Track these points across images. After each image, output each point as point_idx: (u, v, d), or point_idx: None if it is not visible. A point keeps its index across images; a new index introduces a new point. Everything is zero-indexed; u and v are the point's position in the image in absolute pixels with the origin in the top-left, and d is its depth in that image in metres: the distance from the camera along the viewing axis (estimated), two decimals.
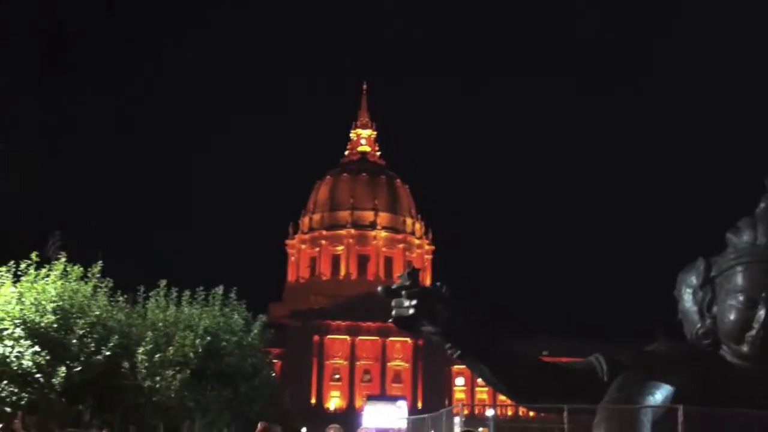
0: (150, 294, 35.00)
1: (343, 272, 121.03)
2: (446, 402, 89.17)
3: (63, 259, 29.41)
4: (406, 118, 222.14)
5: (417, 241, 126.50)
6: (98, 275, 31.14)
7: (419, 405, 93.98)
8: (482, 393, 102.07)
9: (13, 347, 25.64)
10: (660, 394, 13.26)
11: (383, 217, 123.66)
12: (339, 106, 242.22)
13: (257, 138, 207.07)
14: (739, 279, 13.34)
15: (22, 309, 26.39)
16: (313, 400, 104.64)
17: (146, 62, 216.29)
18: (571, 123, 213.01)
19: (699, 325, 14.09)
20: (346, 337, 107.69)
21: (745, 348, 13.32)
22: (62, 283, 28.30)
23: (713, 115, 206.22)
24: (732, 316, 13.24)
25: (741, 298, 13.17)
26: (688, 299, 14.46)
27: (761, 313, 12.80)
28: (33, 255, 28.24)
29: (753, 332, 13.05)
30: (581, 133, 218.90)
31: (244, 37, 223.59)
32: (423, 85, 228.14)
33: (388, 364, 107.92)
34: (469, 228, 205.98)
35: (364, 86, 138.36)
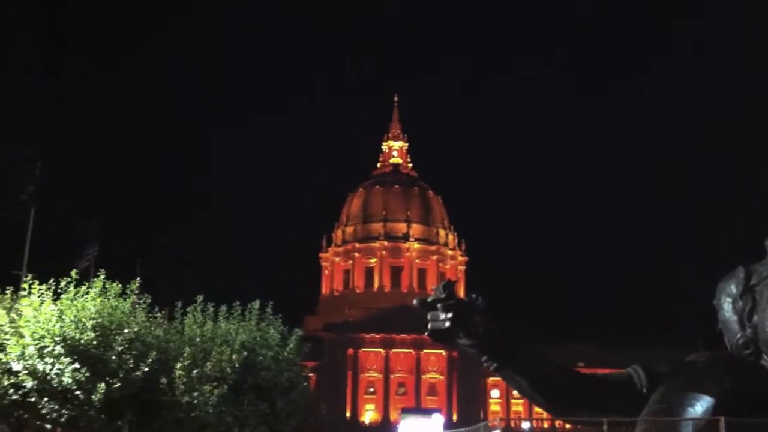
0: (187, 309, 35.35)
1: (376, 284, 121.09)
2: (481, 415, 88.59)
3: (102, 276, 29.81)
4: (437, 129, 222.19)
5: (450, 252, 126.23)
6: (137, 291, 31.56)
7: (454, 418, 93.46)
8: (518, 405, 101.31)
9: (53, 364, 26.00)
10: (701, 405, 13.13)
11: (416, 229, 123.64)
12: (371, 118, 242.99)
13: (291, 151, 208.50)
14: None
15: (62, 326, 26.77)
16: (348, 414, 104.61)
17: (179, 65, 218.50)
18: (594, 128, 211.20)
19: (739, 335, 13.94)
20: (381, 349, 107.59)
21: None
22: (101, 300, 28.69)
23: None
24: None
25: None
26: (728, 308, 14.32)
27: None
28: (73, 273, 28.68)
29: None
30: (609, 136, 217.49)
31: (275, 45, 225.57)
32: (451, 95, 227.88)
33: (423, 376, 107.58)
34: (502, 238, 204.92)
35: (396, 98, 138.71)
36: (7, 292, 29.56)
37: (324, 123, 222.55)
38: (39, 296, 27.25)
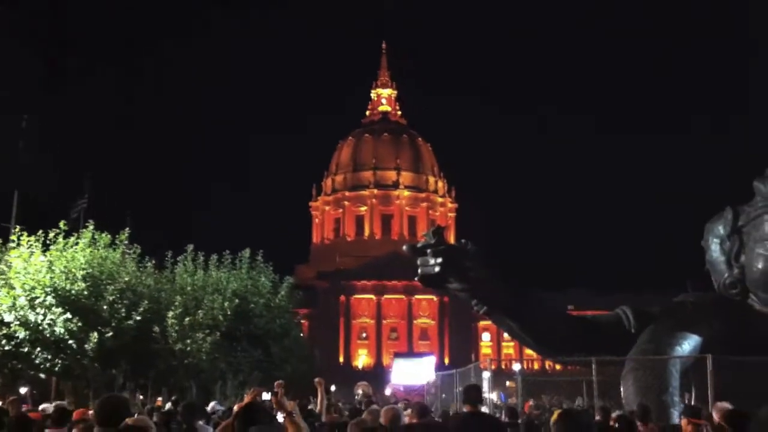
0: (178, 259, 35.38)
1: (367, 232, 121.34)
2: (473, 358, 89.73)
3: (91, 227, 29.70)
4: (426, 76, 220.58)
5: (440, 200, 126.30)
6: (126, 242, 31.51)
7: (446, 361, 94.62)
8: (509, 348, 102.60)
9: (45, 315, 26.04)
10: (688, 344, 13.30)
11: (406, 177, 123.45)
12: (360, 67, 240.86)
13: (279, 101, 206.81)
14: None
15: (52, 277, 26.74)
16: (342, 359, 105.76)
17: None
18: (590, 73, 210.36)
19: (726, 275, 14.08)
20: (372, 296, 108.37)
21: None
22: (91, 251, 28.63)
23: None
24: (760, 265, 13.19)
25: None
26: (715, 249, 14.43)
27: None
28: (61, 224, 28.55)
29: None
30: (603, 83, 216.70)
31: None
32: (440, 44, 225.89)
33: (415, 321, 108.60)
34: (492, 184, 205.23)
35: (384, 46, 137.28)
36: None
37: (313, 73, 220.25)
38: (28, 248, 27.15)
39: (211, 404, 17.43)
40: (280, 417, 7.80)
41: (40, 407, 13.79)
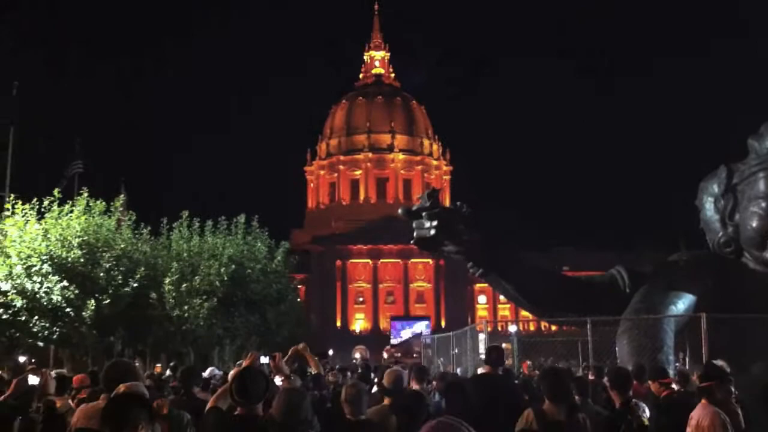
0: (173, 225, 35.36)
1: (362, 196, 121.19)
2: (469, 320, 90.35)
3: (85, 194, 29.61)
4: (419, 38, 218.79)
5: (435, 162, 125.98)
6: (121, 209, 31.44)
7: (443, 324, 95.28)
8: (504, 310, 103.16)
9: (41, 283, 26.06)
10: (682, 303, 13.36)
11: (400, 140, 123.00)
12: (353, 29, 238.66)
13: (272, 64, 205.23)
14: (762, 185, 13.24)
15: (48, 245, 26.71)
16: (339, 323, 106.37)
17: None
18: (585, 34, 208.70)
19: (721, 234, 14.10)
20: (368, 260, 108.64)
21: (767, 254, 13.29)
22: (86, 218, 28.57)
23: None
24: (754, 223, 13.21)
25: (764, 204, 13.09)
26: (709, 208, 14.43)
27: None
28: (55, 192, 28.47)
29: None
30: (597, 48, 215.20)
31: None
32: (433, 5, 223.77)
33: (411, 285, 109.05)
34: (487, 146, 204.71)
35: (376, 7, 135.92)
36: None
37: (305, 36, 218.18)
38: (23, 216, 27.07)
39: (209, 370, 17.53)
40: (278, 380, 7.84)
41: None
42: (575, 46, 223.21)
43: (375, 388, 10.59)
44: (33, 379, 8.74)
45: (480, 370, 10.23)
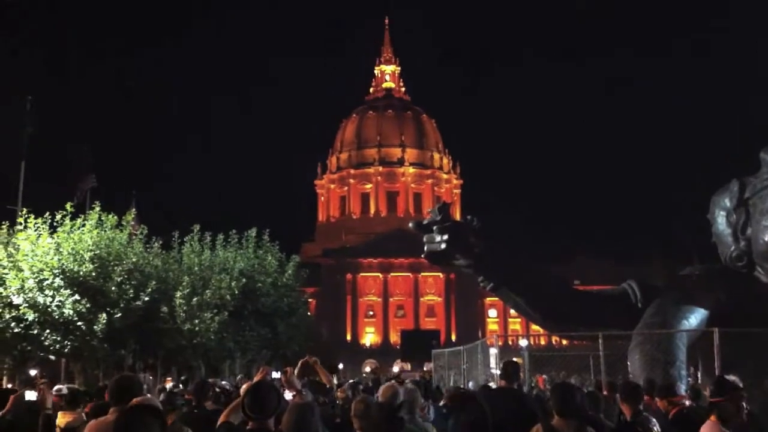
0: (185, 239, 35.49)
1: (372, 210, 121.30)
2: (479, 334, 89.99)
3: (97, 209, 29.77)
4: (430, 53, 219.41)
5: (445, 176, 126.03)
6: (132, 222, 31.59)
7: (453, 338, 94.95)
8: (515, 324, 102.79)
9: (53, 296, 26.16)
10: (695, 317, 13.29)
11: (411, 153, 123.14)
12: (364, 44, 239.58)
13: (285, 79, 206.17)
14: None
15: (60, 259, 26.85)
16: (349, 337, 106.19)
17: None
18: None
19: (733, 248, 14.03)
20: (379, 274, 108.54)
21: None
22: (98, 232, 28.73)
23: None
24: (767, 237, 13.13)
25: None
26: (721, 222, 14.37)
27: None
28: (68, 206, 28.61)
29: None
30: (607, 58, 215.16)
31: None
32: (444, 18, 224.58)
33: (421, 299, 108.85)
34: (498, 159, 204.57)
35: (386, 21, 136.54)
36: (3, 226, 29.53)
37: (319, 51, 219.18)
38: (35, 230, 27.22)
39: (221, 383, 17.51)
40: (288, 395, 7.84)
41: (54, 389, 13.90)
42: (587, 50, 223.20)
43: None
44: (30, 395, 8.70)
45: (492, 385, 10.21)
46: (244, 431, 5.67)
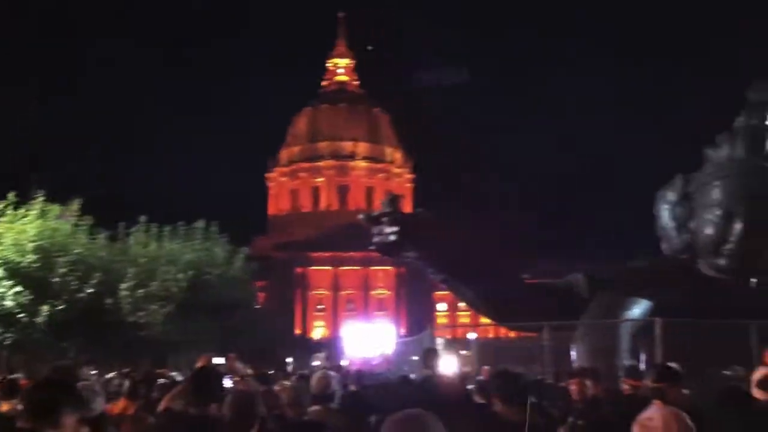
0: (130, 230, 34.93)
1: (323, 204, 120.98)
2: (429, 328, 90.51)
3: (41, 199, 29.13)
4: (384, 45, 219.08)
5: (397, 170, 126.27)
6: (77, 213, 30.98)
7: (403, 332, 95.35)
8: (465, 317, 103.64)
9: None
10: (639, 308, 13.54)
11: (363, 147, 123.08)
12: (318, 37, 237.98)
13: (234, 71, 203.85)
14: (716, 193, 13.50)
15: (2, 250, 26.26)
16: (298, 331, 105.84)
17: None
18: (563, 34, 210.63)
19: (677, 241, 14.34)
20: (329, 267, 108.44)
21: (721, 261, 13.56)
22: (41, 223, 28.11)
23: None
24: (709, 230, 13.46)
25: (718, 212, 13.35)
26: (665, 215, 14.68)
27: (738, 226, 12.98)
28: (10, 195, 27.96)
29: (730, 245, 13.26)
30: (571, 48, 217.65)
31: None
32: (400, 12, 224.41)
33: (372, 292, 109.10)
34: (449, 155, 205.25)
35: (340, 15, 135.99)
36: None
37: (269, 42, 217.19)
38: None
39: (171, 374, 17.31)
40: (229, 382, 7.76)
41: None
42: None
43: None
44: None
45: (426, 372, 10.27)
46: (187, 417, 5.59)
